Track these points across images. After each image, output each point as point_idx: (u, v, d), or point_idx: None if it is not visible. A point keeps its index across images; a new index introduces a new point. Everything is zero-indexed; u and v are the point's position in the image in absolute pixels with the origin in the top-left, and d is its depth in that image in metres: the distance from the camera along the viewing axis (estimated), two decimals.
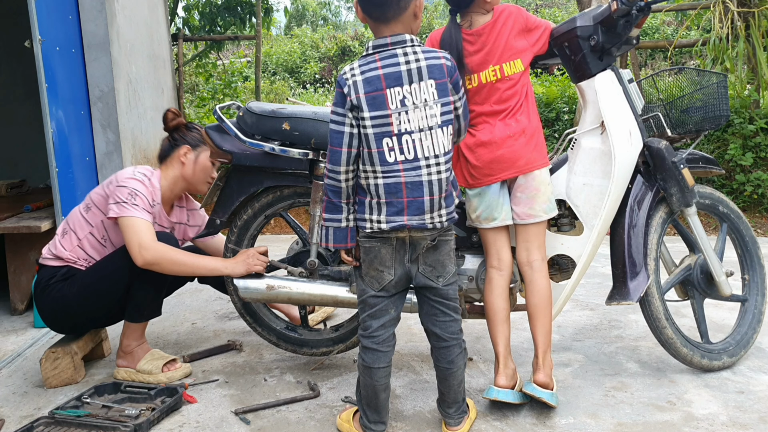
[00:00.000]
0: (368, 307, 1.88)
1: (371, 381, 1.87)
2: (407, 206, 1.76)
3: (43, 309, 2.38)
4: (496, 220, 2.11)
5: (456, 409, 1.96)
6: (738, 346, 2.37)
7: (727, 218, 2.43)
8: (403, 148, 1.75)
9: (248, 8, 6.84)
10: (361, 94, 1.73)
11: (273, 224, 5.39)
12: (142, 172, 2.36)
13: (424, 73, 1.75)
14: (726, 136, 5.07)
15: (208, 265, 2.32)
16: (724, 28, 4.84)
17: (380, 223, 1.78)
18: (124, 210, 2.23)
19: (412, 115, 1.74)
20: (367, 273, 1.86)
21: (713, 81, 2.32)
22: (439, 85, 1.76)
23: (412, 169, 1.75)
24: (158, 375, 2.37)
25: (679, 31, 7.29)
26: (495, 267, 2.14)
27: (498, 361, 2.09)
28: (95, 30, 3.51)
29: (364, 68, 1.75)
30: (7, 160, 5.10)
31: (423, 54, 1.76)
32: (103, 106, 3.56)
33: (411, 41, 1.76)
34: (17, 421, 2.15)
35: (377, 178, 1.77)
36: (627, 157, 2.12)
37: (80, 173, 3.37)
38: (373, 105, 1.74)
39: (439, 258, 1.86)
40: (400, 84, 1.74)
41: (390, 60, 1.75)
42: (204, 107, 6.92)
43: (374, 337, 1.86)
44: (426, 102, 1.75)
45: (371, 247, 1.83)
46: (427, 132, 1.75)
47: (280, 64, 13.46)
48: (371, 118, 1.74)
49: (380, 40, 1.77)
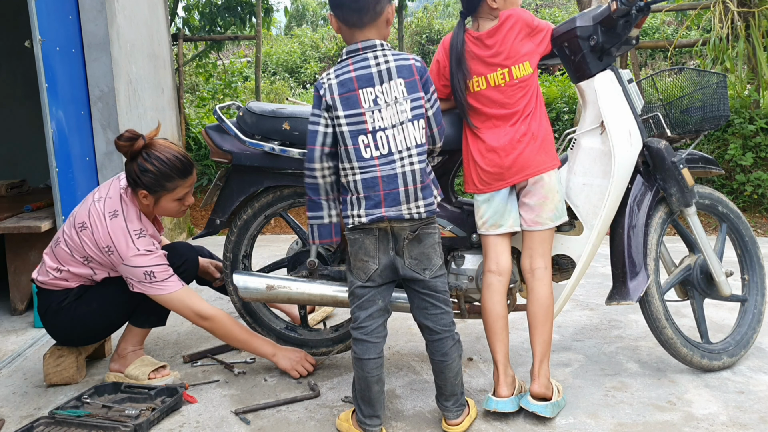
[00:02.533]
0: (356, 298, 1.93)
1: (363, 373, 1.90)
2: (384, 198, 1.83)
3: (59, 329, 2.34)
4: (502, 227, 2.10)
5: (454, 402, 1.97)
6: (738, 346, 2.37)
7: (727, 218, 2.43)
8: (378, 144, 1.84)
9: (248, 8, 6.84)
10: (335, 95, 1.85)
11: (273, 224, 5.39)
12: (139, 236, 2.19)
13: (393, 72, 1.86)
14: (726, 136, 5.08)
15: (259, 348, 2.35)
16: (724, 28, 4.84)
17: (360, 217, 1.85)
18: (153, 290, 2.19)
19: (384, 112, 1.84)
20: (354, 265, 1.93)
21: (713, 81, 2.32)
22: (408, 83, 1.86)
23: (387, 163, 1.84)
24: (144, 382, 2.33)
25: (679, 31, 7.29)
26: (493, 272, 2.11)
27: (497, 370, 2.06)
28: (95, 30, 3.51)
29: (338, 72, 1.87)
30: (7, 160, 5.10)
31: (392, 56, 1.87)
32: (103, 106, 3.56)
33: (381, 45, 1.88)
34: (17, 421, 2.15)
35: (355, 174, 1.85)
36: (627, 157, 2.12)
37: (80, 173, 3.37)
38: (347, 104, 1.84)
39: (423, 251, 1.90)
40: (371, 84, 1.85)
41: (361, 63, 1.86)
42: (204, 107, 6.92)
43: (363, 327, 1.91)
44: (396, 99, 1.85)
45: (356, 239, 1.90)
46: (399, 127, 1.85)
47: (280, 64, 13.46)
48: (345, 116, 1.84)
49: (352, 46, 1.88)
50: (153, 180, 2.20)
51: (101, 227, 2.20)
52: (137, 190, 2.22)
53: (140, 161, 2.19)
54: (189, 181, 2.27)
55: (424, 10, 13.74)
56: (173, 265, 2.31)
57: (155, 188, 2.21)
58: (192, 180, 2.29)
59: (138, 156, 2.20)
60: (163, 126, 4.59)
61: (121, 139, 2.18)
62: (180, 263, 2.35)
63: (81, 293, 2.30)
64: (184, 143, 5.73)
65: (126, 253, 2.17)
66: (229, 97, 7.24)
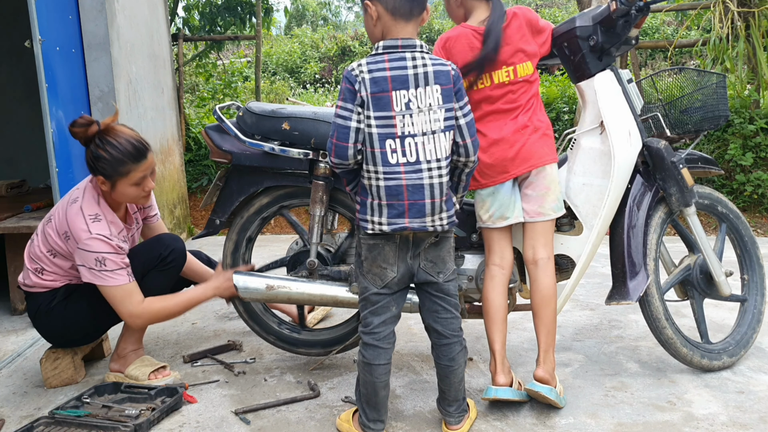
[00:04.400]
0: (370, 304, 1.88)
1: (371, 378, 1.88)
2: (408, 209, 1.78)
3: (51, 331, 2.35)
4: (508, 219, 2.10)
5: (456, 408, 1.96)
6: (738, 345, 2.37)
7: (726, 218, 2.43)
8: (405, 151, 1.77)
9: (248, 8, 6.84)
10: (368, 93, 1.75)
11: (273, 224, 5.39)
12: (94, 219, 2.17)
13: (431, 77, 1.77)
14: (726, 136, 5.08)
15: (200, 300, 2.33)
16: (724, 28, 4.84)
17: (381, 225, 1.80)
18: (98, 279, 2.16)
19: (416, 118, 1.76)
20: (369, 270, 1.87)
21: (713, 81, 2.32)
22: (444, 91, 1.78)
23: (414, 172, 1.77)
24: (144, 382, 2.33)
25: (679, 31, 7.29)
26: (497, 264, 2.13)
27: (495, 359, 2.08)
28: (95, 30, 3.51)
29: (371, 67, 1.76)
30: (7, 160, 5.10)
31: (430, 60, 1.79)
32: (103, 106, 3.56)
33: (420, 47, 1.79)
34: (17, 421, 2.15)
35: (378, 179, 1.78)
36: (626, 157, 2.12)
37: (80, 173, 3.37)
38: (378, 105, 1.75)
39: (440, 254, 1.88)
40: (406, 87, 1.75)
41: (398, 63, 1.76)
42: (204, 107, 6.92)
43: (375, 333, 1.87)
44: (431, 106, 1.77)
45: (375, 245, 1.84)
46: (430, 136, 1.77)
47: (280, 64, 13.45)
48: (376, 118, 1.76)
49: (391, 41, 1.78)
50: (107, 165, 2.17)
51: (61, 213, 2.23)
52: (96, 177, 2.21)
53: (93, 147, 2.18)
54: (143, 166, 2.22)
55: None
56: (159, 255, 2.31)
57: (110, 174, 2.18)
58: (147, 164, 2.23)
59: (92, 142, 2.19)
60: (163, 126, 4.60)
61: (74, 125, 2.17)
62: (166, 253, 2.34)
63: (68, 293, 2.29)
64: (184, 143, 5.73)
65: (79, 235, 2.15)
66: (229, 97, 7.24)
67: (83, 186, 2.29)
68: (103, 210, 2.23)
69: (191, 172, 5.85)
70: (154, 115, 4.36)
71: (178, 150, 5.01)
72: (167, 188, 4.63)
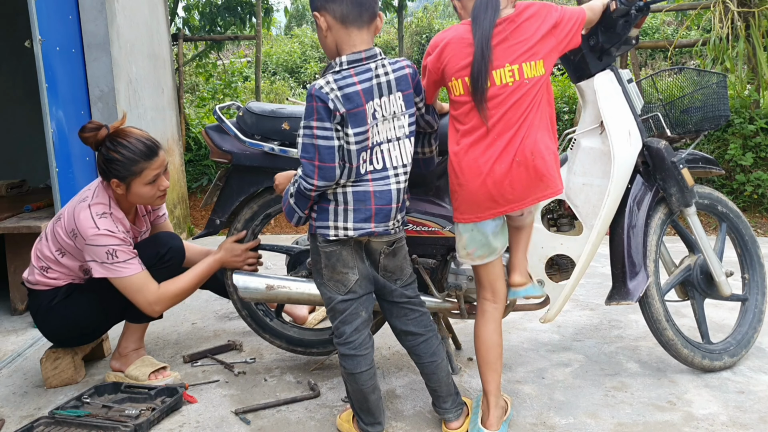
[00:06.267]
0: (338, 313, 1.85)
1: (357, 386, 1.86)
2: (375, 214, 1.78)
3: (52, 329, 2.35)
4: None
5: (452, 403, 1.96)
6: (739, 345, 2.37)
7: (727, 218, 2.43)
8: (373, 159, 1.77)
9: (248, 8, 6.84)
10: (345, 110, 1.69)
11: (273, 224, 5.39)
12: (101, 216, 2.18)
13: (393, 85, 1.77)
14: (726, 136, 5.08)
15: (210, 271, 2.35)
16: (724, 28, 4.84)
17: (347, 230, 1.78)
18: (112, 272, 2.17)
19: (381, 126, 1.77)
20: (330, 278, 1.85)
21: (713, 81, 2.32)
22: (406, 97, 1.79)
23: (381, 179, 1.78)
24: (144, 382, 2.33)
25: (679, 31, 7.29)
26: (489, 299, 1.95)
27: (488, 402, 1.93)
28: (95, 30, 3.51)
29: (341, 83, 1.70)
30: (7, 160, 5.10)
31: (390, 66, 1.77)
32: (103, 106, 3.56)
33: (380, 54, 1.78)
34: (17, 421, 2.15)
35: (346, 187, 1.77)
36: (626, 157, 2.12)
37: (80, 173, 3.37)
38: (355, 121, 1.71)
39: (398, 263, 1.91)
40: (372, 98, 1.74)
41: (365, 75, 1.73)
42: (204, 107, 6.92)
43: (350, 342, 1.85)
44: (395, 114, 1.78)
45: (333, 252, 1.82)
46: (395, 142, 1.79)
47: (280, 64, 13.45)
48: (355, 134, 1.71)
49: (354, 55, 1.73)
50: (120, 167, 2.18)
51: (69, 212, 2.24)
52: (110, 180, 2.22)
53: (105, 150, 2.20)
54: (156, 163, 2.23)
55: (424, 10, 13.73)
56: (158, 254, 2.31)
57: (124, 175, 2.19)
58: (159, 162, 2.24)
59: (102, 146, 2.20)
60: (164, 126, 4.60)
61: (84, 130, 2.18)
62: (164, 251, 2.34)
63: (70, 292, 2.30)
64: (184, 143, 5.73)
65: (87, 232, 2.15)
66: (229, 97, 7.24)
67: (94, 186, 2.29)
68: (113, 209, 2.25)
69: (191, 172, 5.85)
70: (154, 115, 4.36)
71: (178, 150, 5.01)
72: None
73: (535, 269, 2.18)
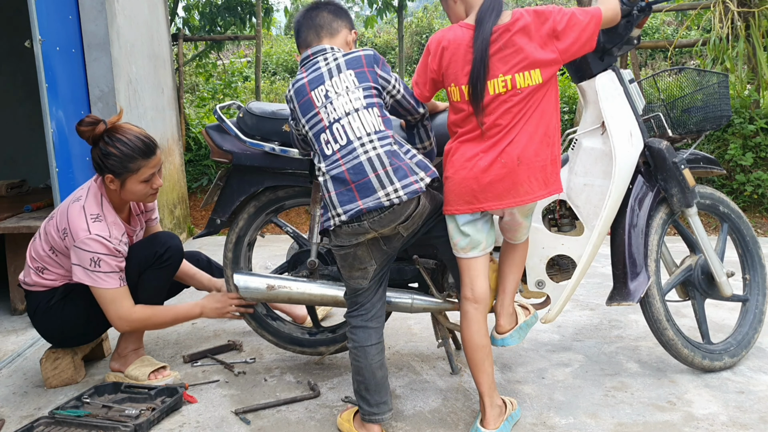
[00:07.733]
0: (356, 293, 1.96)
1: (366, 362, 1.89)
2: (357, 191, 1.79)
3: (50, 330, 2.35)
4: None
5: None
6: (739, 346, 2.37)
7: (728, 218, 2.43)
8: (336, 137, 1.83)
9: (248, 8, 6.84)
10: (296, 104, 1.92)
11: (272, 224, 5.38)
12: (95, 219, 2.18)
13: (342, 66, 1.89)
14: (726, 136, 5.08)
15: (188, 316, 2.38)
16: (724, 28, 4.84)
17: (340, 216, 1.80)
18: (91, 279, 2.16)
19: (336, 103, 1.85)
20: (350, 276, 1.92)
21: (714, 81, 2.32)
22: (358, 73, 1.88)
23: (348, 153, 1.81)
24: (144, 382, 2.33)
25: (679, 31, 7.29)
26: (469, 299, 1.92)
27: (483, 402, 1.93)
28: (95, 30, 3.51)
29: (295, 83, 1.94)
30: (7, 160, 5.10)
31: (341, 55, 1.92)
32: (103, 106, 3.56)
33: (332, 49, 1.94)
34: (17, 421, 2.15)
35: (325, 174, 1.84)
36: (628, 158, 2.12)
37: (80, 173, 3.37)
38: (303, 109, 1.90)
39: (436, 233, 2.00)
40: (322, 83, 1.88)
41: (313, 67, 1.92)
42: (204, 107, 6.92)
43: (363, 314, 1.92)
44: (348, 88, 1.86)
45: (347, 254, 1.88)
46: (353, 114, 1.84)
47: (280, 64, 13.43)
48: (307, 120, 1.90)
49: (303, 54, 1.96)
50: (116, 162, 2.17)
51: (62, 211, 2.24)
52: (104, 176, 2.22)
53: (102, 145, 2.19)
54: (153, 162, 2.23)
55: (424, 10, 13.73)
56: (156, 253, 2.31)
57: (120, 171, 2.19)
58: (156, 161, 2.25)
59: (100, 140, 2.20)
60: (163, 126, 4.60)
61: (81, 124, 2.17)
62: (162, 251, 2.34)
63: (67, 293, 2.30)
64: (184, 143, 5.73)
65: (78, 234, 2.15)
66: (229, 97, 7.24)
67: (87, 186, 2.29)
68: (105, 211, 2.23)
69: (191, 172, 5.85)
70: (154, 115, 4.36)
71: (178, 150, 5.01)
72: (167, 188, 4.63)
73: (536, 269, 2.18)
